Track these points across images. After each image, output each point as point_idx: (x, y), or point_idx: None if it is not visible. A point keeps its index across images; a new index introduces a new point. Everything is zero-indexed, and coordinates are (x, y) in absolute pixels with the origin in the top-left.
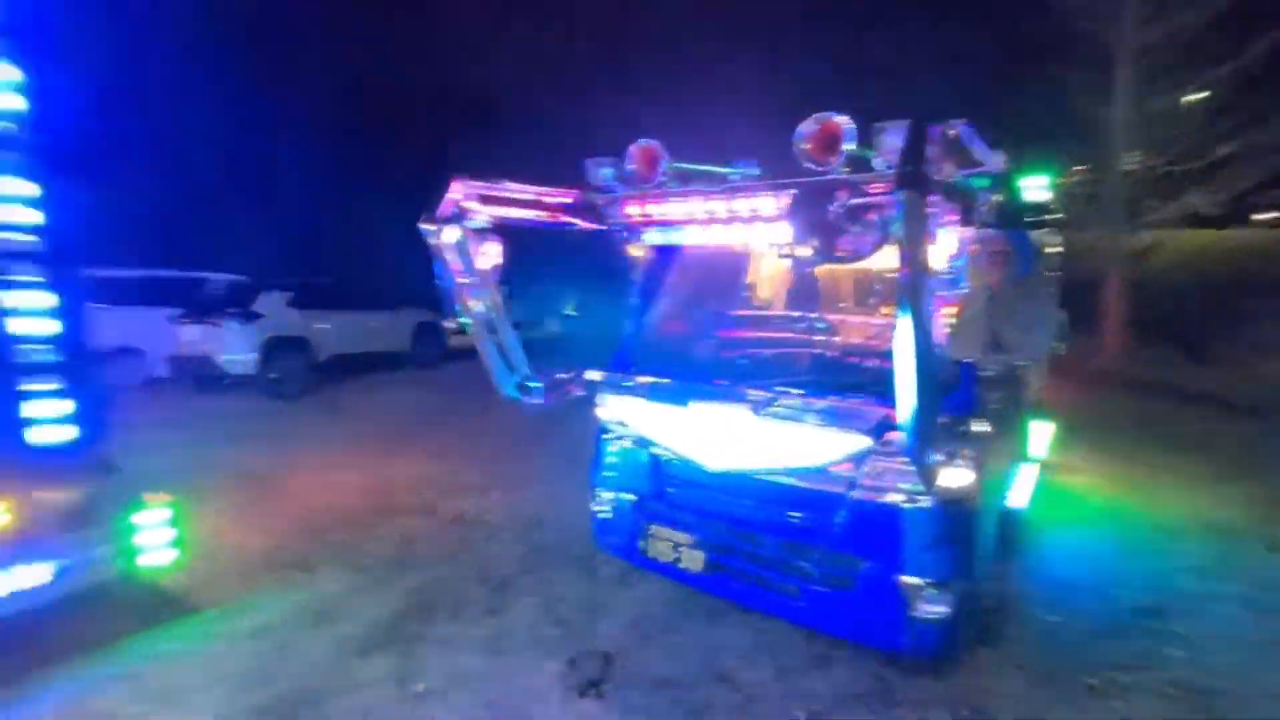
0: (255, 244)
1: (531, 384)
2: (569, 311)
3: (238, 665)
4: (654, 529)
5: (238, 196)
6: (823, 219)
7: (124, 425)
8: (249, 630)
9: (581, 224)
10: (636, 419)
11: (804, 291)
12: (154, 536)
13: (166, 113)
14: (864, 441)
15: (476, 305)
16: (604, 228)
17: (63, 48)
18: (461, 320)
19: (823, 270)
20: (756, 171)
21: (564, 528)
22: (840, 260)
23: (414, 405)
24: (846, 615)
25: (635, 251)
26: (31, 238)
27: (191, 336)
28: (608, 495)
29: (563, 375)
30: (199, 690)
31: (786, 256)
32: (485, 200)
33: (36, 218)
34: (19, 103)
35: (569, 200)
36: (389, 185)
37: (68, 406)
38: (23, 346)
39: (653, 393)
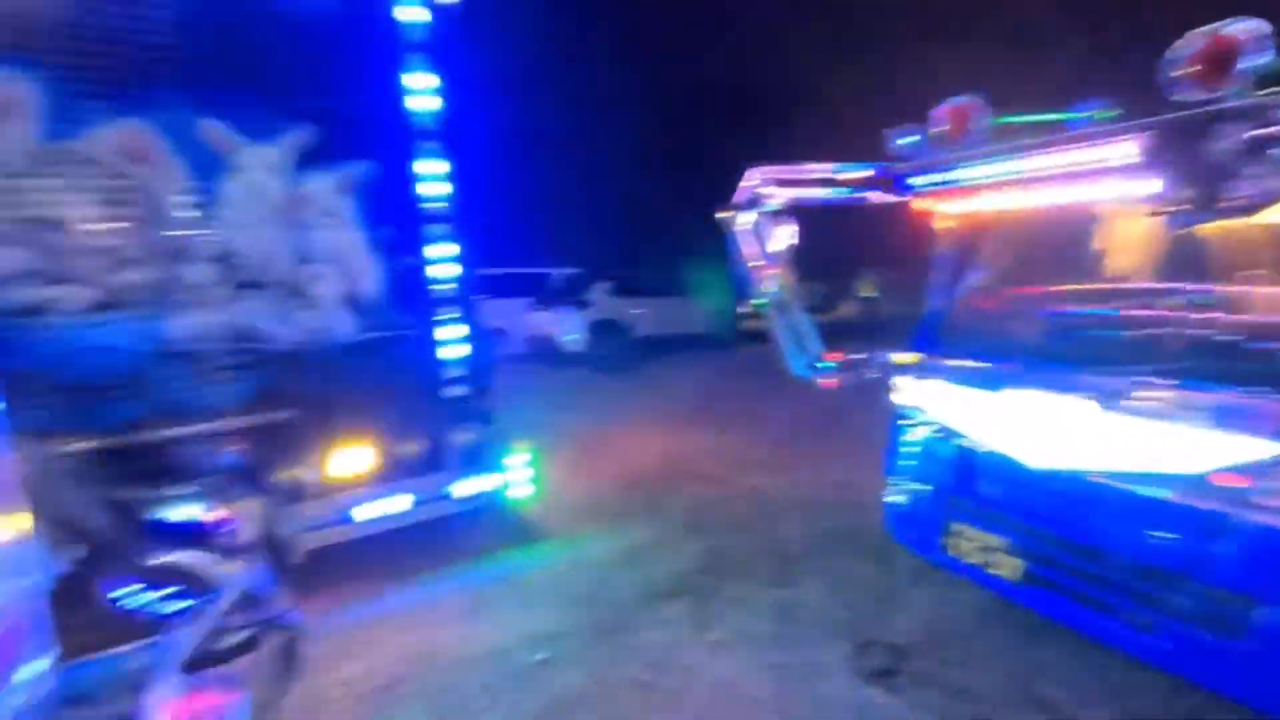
0: (580, 239)
1: (822, 364)
2: (866, 293)
3: (571, 587)
4: (958, 527)
5: (565, 194)
6: (1207, 161)
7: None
8: (581, 561)
9: (882, 197)
10: (942, 405)
11: (1179, 257)
12: (520, 475)
13: (512, 118)
14: (1271, 448)
15: (771, 288)
16: (907, 200)
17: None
18: (756, 303)
19: (1210, 229)
20: (1110, 113)
21: (856, 513)
22: (1230, 214)
23: (711, 384)
24: (1233, 669)
25: (942, 223)
26: (444, 204)
27: (540, 321)
28: (905, 485)
29: (856, 356)
30: (546, 600)
31: (1155, 213)
32: (782, 184)
33: (447, 189)
34: (436, 103)
35: (870, 175)
36: (689, 177)
37: (465, 366)
38: (438, 290)
39: (965, 377)
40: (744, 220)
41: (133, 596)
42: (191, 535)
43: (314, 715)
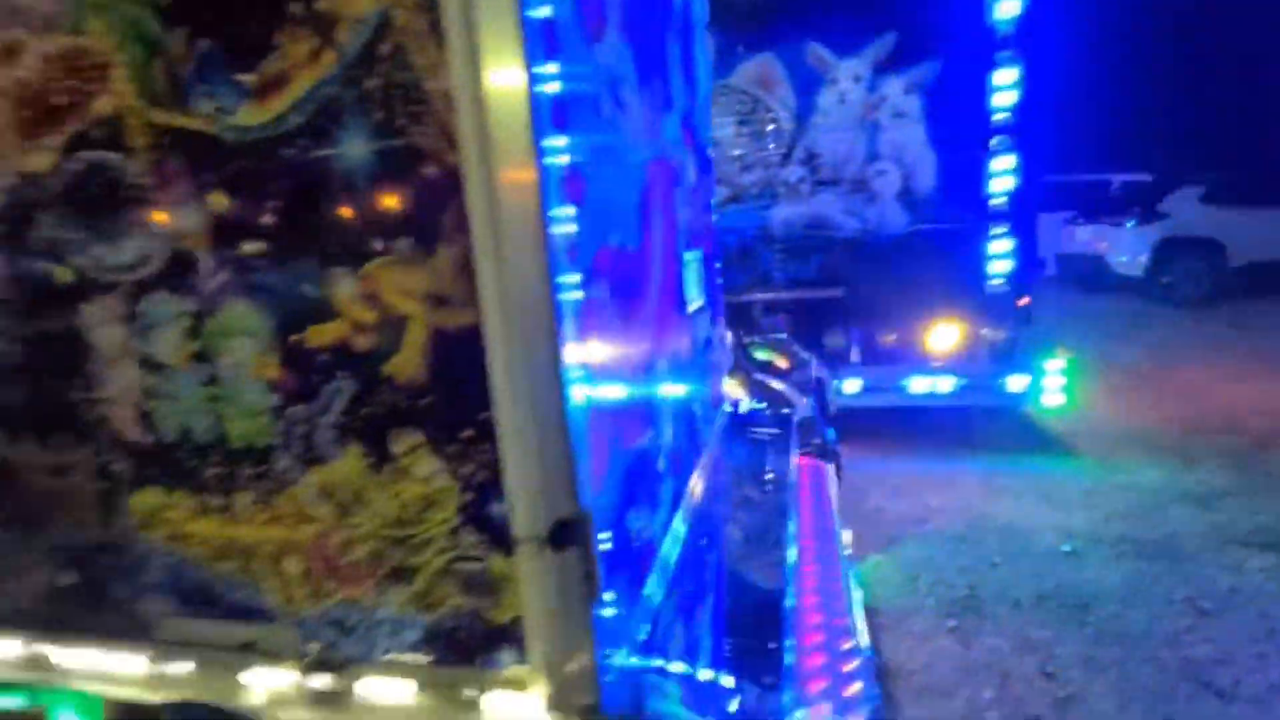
0: (1163, 142)
1: None
2: None
3: (1109, 505)
4: None
5: (1151, 92)
6: None
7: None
8: (1120, 485)
9: None
10: None
11: None
12: (1054, 382)
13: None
14: None
15: None
16: None
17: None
18: None
19: None
20: None
21: None
22: None
23: None
24: None
25: None
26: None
27: (1083, 237)
28: None
29: None
30: (1078, 507)
31: None
32: None
33: (1014, 97)
34: (1014, 8)
35: None
36: None
37: (1010, 265)
38: (992, 192)
39: None
40: None
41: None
42: (775, 370)
43: (856, 507)
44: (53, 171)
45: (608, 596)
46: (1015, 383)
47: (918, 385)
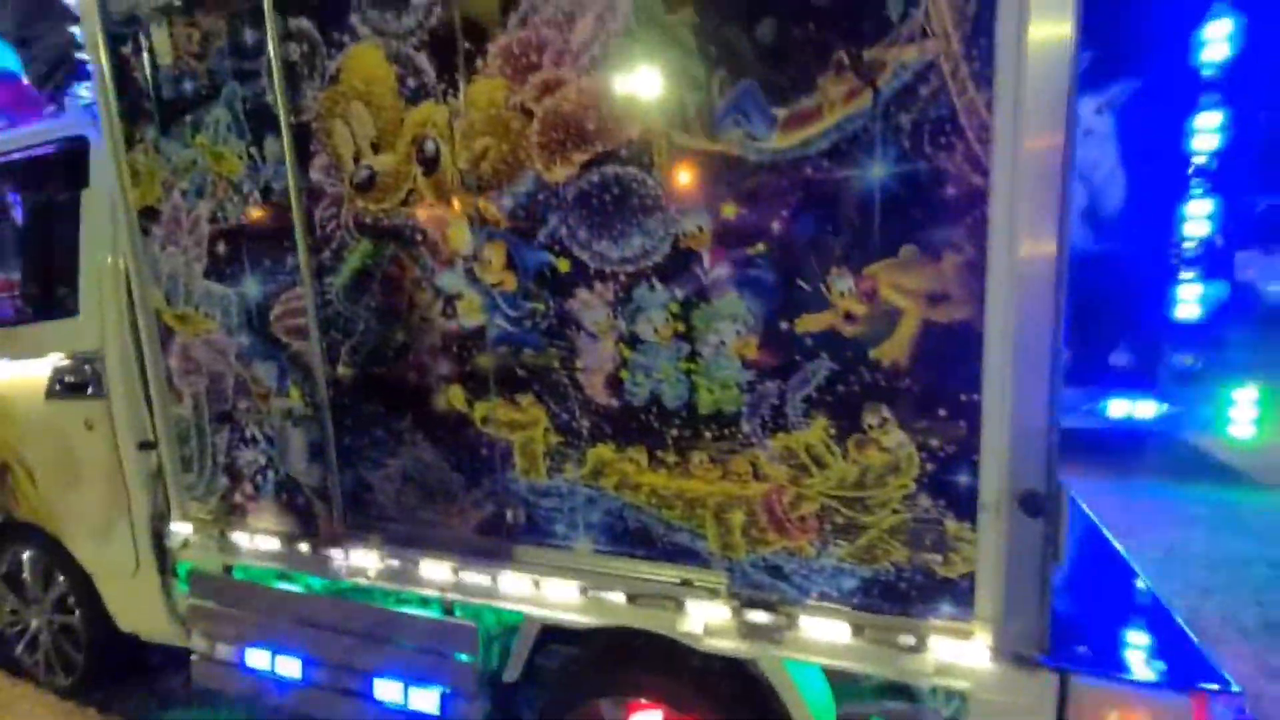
0: None
1: None
2: None
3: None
4: None
5: None
6: None
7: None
8: None
9: None
10: None
11: None
12: (1245, 414)
13: None
14: None
15: None
16: None
17: None
18: None
19: None
20: None
21: None
22: None
23: None
24: None
25: None
26: (1206, 156)
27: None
28: None
29: None
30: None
31: None
32: None
33: (1215, 142)
34: (1224, 51)
35: None
36: None
37: (1200, 290)
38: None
39: None
40: None
41: None
42: None
43: None
44: (570, 182)
45: (1061, 559)
46: (1206, 411)
47: (1116, 409)
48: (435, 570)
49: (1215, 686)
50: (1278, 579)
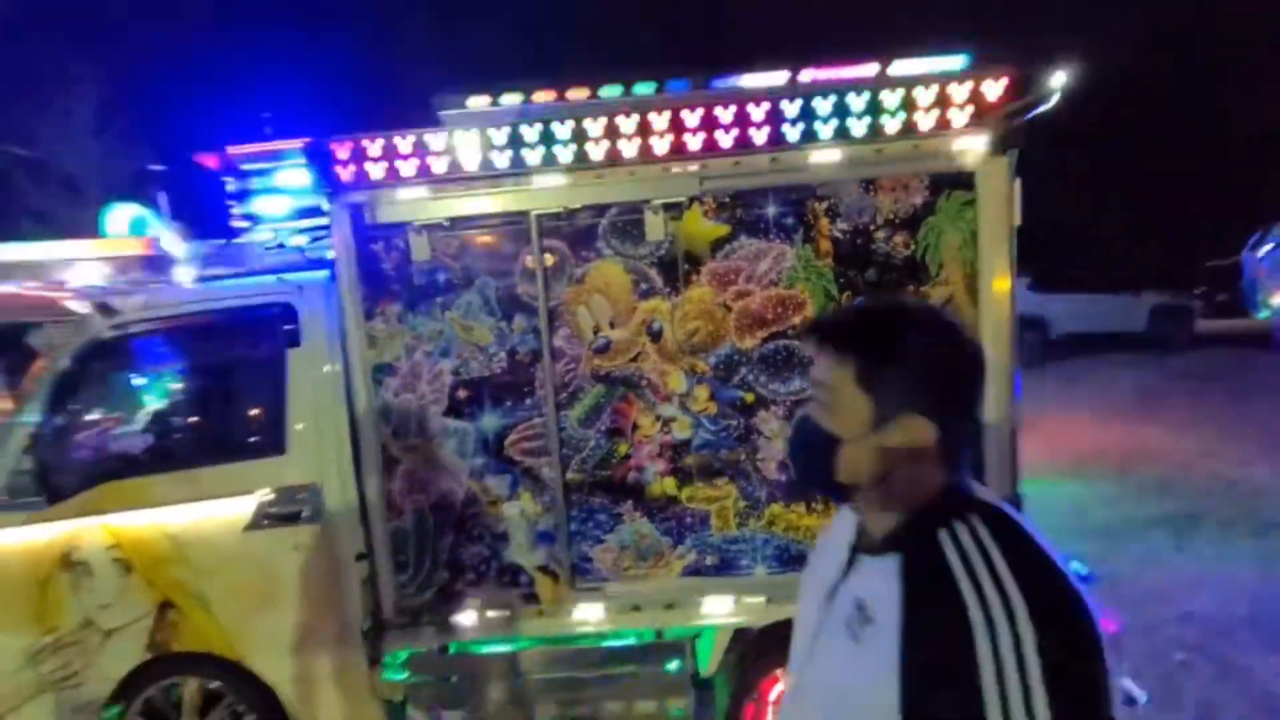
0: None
1: None
2: None
3: (1053, 509)
4: None
5: None
6: None
7: None
8: (1057, 498)
9: None
10: None
11: None
12: None
13: None
14: None
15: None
16: None
17: None
18: (1264, 312)
19: None
20: None
21: None
22: None
23: (1155, 383)
24: None
25: None
26: None
27: None
28: None
29: None
30: (1033, 513)
31: None
32: None
33: None
34: None
35: None
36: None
37: None
38: None
39: None
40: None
41: None
42: None
43: None
44: (755, 348)
45: None
46: None
47: None
48: (650, 606)
49: (1092, 579)
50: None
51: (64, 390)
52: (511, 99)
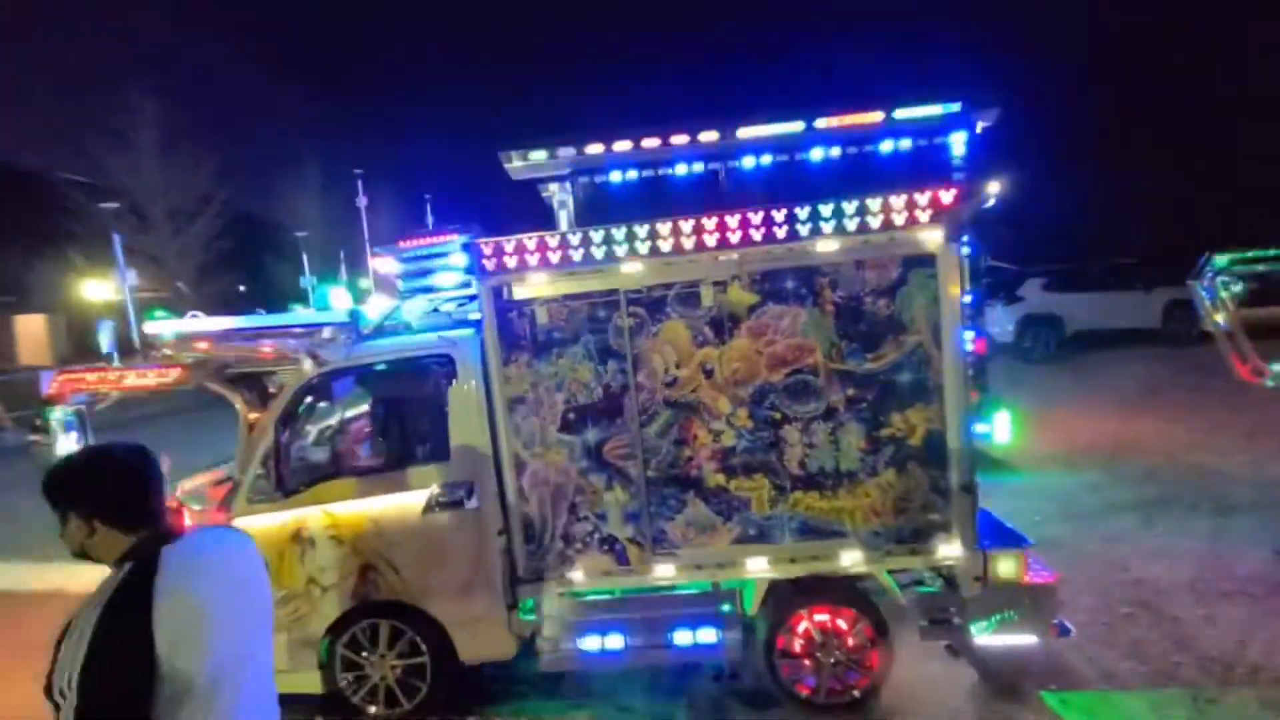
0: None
1: None
2: None
3: (1046, 495)
4: None
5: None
6: None
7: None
8: (1049, 485)
9: None
10: None
11: None
12: (1003, 424)
13: None
14: None
15: None
16: None
17: None
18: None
19: None
20: None
21: None
22: None
23: (1160, 378)
24: None
25: None
26: None
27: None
28: None
29: None
30: (1030, 499)
31: None
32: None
33: None
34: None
35: None
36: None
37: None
38: None
39: None
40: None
41: None
42: None
43: None
44: (781, 380)
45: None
46: (984, 428)
47: None
48: (708, 566)
49: (1032, 545)
50: (1034, 519)
51: (291, 417)
52: (566, 152)
